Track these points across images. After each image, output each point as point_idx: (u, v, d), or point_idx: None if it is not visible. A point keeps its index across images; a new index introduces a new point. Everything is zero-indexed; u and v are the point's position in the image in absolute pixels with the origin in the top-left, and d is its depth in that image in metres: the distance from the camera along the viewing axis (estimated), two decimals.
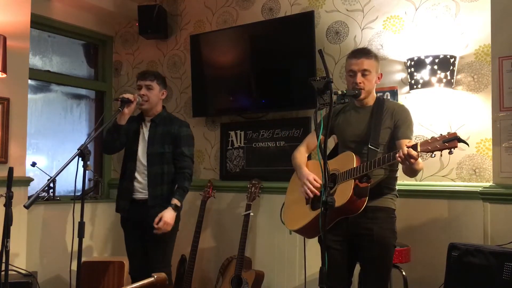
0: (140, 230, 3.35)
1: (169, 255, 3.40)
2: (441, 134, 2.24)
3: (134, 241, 3.41)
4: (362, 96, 2.63)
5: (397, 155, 2.31)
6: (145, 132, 3.41)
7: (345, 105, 2.78)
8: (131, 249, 3.44)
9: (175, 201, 3.25)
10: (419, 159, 2.40)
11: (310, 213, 2.66)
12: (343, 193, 2.46)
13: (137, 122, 3.46)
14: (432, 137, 2.25)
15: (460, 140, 2.18)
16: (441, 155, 2.25)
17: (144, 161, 3.36)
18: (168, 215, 3.20)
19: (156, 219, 3.18)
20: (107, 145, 3.43)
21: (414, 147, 2.26)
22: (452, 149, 2.19)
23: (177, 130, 3.38)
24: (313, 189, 2.65)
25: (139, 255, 3.39)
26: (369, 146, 2.54)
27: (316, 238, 2.73)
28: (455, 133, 2.20)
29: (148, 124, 3.42)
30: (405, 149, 2.26)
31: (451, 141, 2.17)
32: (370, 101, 2.70)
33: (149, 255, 3.32)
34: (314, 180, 2.67)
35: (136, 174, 3.37)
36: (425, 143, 2.24)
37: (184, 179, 3.32)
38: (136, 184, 3.36)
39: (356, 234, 2.58)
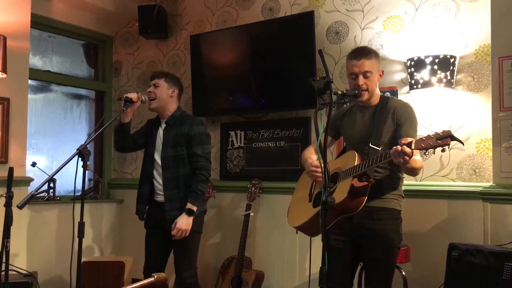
0: (162, 231, 3.31)
1: (193, 257, 3.34)
2: (436, 132, 2.20)
3: (155, 242, 3.37)
4: (366, 97, 2.62)
5: (390, 151, 2.29)
6: (160, 135, 3.37)
7: (351, 106, 2.77)
8: (149, 249, 3.40)
9: (188, 205, 3.18)
10: (418, 158, 2.40)
11: (311, 210, 2.65)
12: (341, 192, 2.46)
13: (156, 126, 3.42)
14: (428, 135, 2.21)
15: (454, 138, 2.14)
16: (433, 153, 2.22)
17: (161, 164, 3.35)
18: (181, 221, 3.16)
19: (173, 225, 3.17)
20: (117, 142, 3.52)
21: (409, 144, 2.24)
22: (445, 147, 2.15)
23: (187, 130, 3.28)
24: (319, 173, 2.64)
25: (156, 256, 3.37)
26: (370, 145, 2.54)
27: (320, 238, 2.73)
28: (449, 131, 2.16)
29: (163, 127, 3.37)
30: (399, 146, 2.24)
31: (443, 139, 2.13)
32: (375, 100, 2.68)
33: (174, 258, 3.32)
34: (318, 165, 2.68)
35: (156, 176, 3.34)
36: (419, 140, 2.22)
37: (197, 182, 3.22)
38: (157, 185, 3.33)
39: (359, 235, 2.58)
